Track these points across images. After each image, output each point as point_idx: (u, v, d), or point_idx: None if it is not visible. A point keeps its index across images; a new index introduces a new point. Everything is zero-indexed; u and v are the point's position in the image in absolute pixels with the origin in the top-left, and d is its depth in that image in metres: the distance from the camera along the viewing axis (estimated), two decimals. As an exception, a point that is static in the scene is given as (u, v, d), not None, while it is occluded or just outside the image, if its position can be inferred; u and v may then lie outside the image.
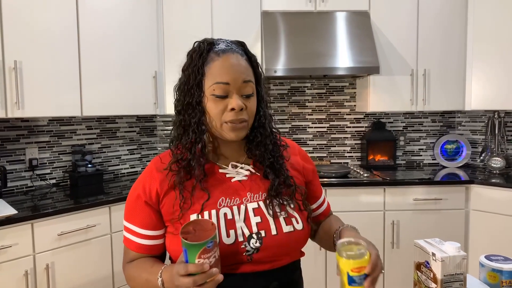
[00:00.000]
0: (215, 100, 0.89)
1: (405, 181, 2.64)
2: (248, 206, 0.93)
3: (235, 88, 0.89)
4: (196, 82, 0.90)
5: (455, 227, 2.62)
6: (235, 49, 0.93)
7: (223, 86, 0.88)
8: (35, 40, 2.15)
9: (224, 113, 0.89)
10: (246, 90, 0.91)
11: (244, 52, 0.95)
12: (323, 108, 3.23)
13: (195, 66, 0.91)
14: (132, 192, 0.97)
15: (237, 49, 0.93)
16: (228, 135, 0.90)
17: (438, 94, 2.88)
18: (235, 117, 0.88)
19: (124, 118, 2.99)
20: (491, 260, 1.00)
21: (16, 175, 2.44)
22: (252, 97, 0.93)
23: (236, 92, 0.89)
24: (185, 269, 0.76)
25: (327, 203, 1.14)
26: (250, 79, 0.92)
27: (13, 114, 2.08)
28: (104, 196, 2.30)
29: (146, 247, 0.96)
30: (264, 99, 0.98)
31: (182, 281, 0.76)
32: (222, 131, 0.91)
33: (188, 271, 0.75)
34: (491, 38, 2.75)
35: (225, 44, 0.93)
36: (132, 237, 0.96)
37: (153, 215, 0.94)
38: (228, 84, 0.88)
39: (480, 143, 3.16)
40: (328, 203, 1.15)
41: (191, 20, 2.75)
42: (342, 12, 2.82)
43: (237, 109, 0.88)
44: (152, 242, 0.96)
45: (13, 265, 1.83)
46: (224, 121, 0.89)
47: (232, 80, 0.88)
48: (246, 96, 0.91)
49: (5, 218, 1.82)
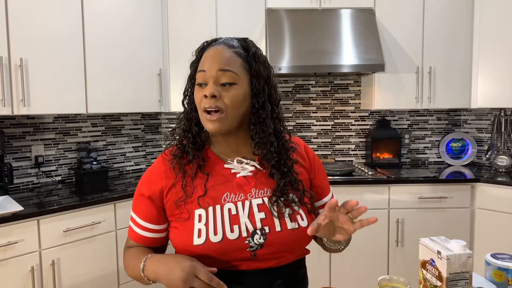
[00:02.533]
0: (197, 88, 0.94)
1: (410, 179, 2.63)
2: (252, 202, 0.93)
3: (211, 77, 0.91)
4: (192, 74, 0.98)
5: (461, 226, 2.60)
6: (227, 42, 0.95)
7: (201, 74, 0.92)
8: (41, 38, 2.16)
9: (202, 101, 0.91)
10: (222, 78, 0.90)
11: (242, 46, 0.95)
12: (328, 106, 3.22)
13: (194, 60, 0.98)
14: (139, 186, 1.00)
15: (229, 43, 0.94)
16: (208, 126, 0.92)
17: (444, 92, 2.86)
18: (208, 104, 0.90)
19: (129, 115, 3.00)
20: (497, 259, 1.00)
21: (22, 172, 2.46)
22: (234, 86, 0.91)
23: (212, 81, 0.91)
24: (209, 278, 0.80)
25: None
26: (229, 68, 0.90)
27: (19, 111, 2.10)
28: (109, 193, 2.31)
29: (145, 238, 0.98)
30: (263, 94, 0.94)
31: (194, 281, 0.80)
32: (203, 122, 0.93)
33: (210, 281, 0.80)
34: (497, 36, 2.73)
35: (223, 39, 0.97)
36: (134, 227, 0.99)
37: (155, 210, 0.96)
38: (204, 71, 0.92)
39: (486, 141, 3.14)
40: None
41: (196, 18, 2.75)
42: (347, 10, 2.80)
43: (208, 96, 0.89)
44: (152, 235, 0.98)
45: (19, 261, 1.85)
46: (202, 109, 0.92)
47: (207, 68, 0.91)
48: (223, 85, 0.91)
49: (11, 214, 1.83)
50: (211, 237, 0.87)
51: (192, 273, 0.80)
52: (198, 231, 0.88)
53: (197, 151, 0.96)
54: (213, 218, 0.89)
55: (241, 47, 0.95)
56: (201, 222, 0.89)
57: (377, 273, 2.57)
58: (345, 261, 2.59)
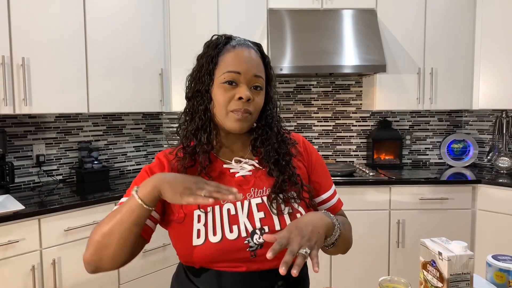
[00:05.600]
0: (224, 88, 0.91)
1: (411, 180, 2.63)
2: (251, 201, 0.93)
3: (246, 79, 0.91)
4: (208, 70, 0.93)
5: (462, 227, 2.60)
6: (251, 45, 0.97)
7: (234, 75, 0.91)
8: (43, 37, 2.16)
9: (231, 102, 0.91)
10: (255, 83, 0.93)
11: (259, 51, 0.98)
12: (329, 107, 3.21)
13: (209, 56, 0.93)
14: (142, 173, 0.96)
15: (252, 46, 0.97)
16: (232, 125, 0.91)
17: (445, 93, 2.86)
18: (241, 107, 0.90)
19: (130, 115, 3.01)
20: (498, 260, 0.99)
21: (24, 171, 2.46)
22: (261, 91, 0.95)
23: (245, 83, 0.91)
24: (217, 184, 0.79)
25: (336, 200, 1.07)
26: (261, 75, 0.95)
27: (21, 110, 2.10)
28: (110, 193, 2.31)
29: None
30: (273, 100, 1.00)
31: (204, 184, 0.78)
32: (227, 121, 0.92)
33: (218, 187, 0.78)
34: (499, 37, 2.72)
35: (242, 40, 0.98)
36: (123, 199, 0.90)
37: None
38: (239, 73, 0.91)
39: (487, 143, 3.14)
40: (339, 199, 1.08)
41: (197, 17, 2.75)
42: (348, 10, 2.80)
43: (244, 99, 0.90)
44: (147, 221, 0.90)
45: (20, 260, 1.85)
46: (229, 110, 0.91)
47: (243, 71, 0.91)
48: (254, 88, 0.93)
49: (12, 213, 1.84)
50: (210, 237, 0.87)
51: (202, 180, 0.80)
52: (197, 232, 0.88)
53: (207, 153, 0.94)
54: (212, 218, 0.89)
55: (260, 53, 0.98)
56: (200, 222, 0.89)
57: (378, 274, 2.57)
58: (345, 262, 2.59)
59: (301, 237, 0.78)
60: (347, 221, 1.05)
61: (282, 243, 0.76)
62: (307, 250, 0.76)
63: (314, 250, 0.77)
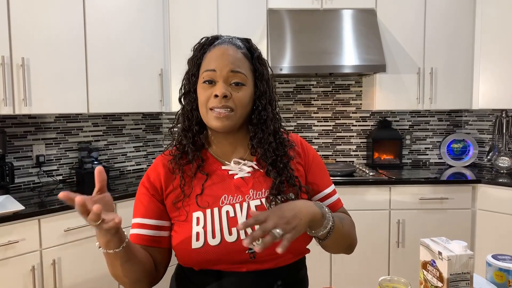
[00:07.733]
0: (203, 87, 0.93)
1: (411, 180, 2.63)
2: (250, 203, 0.92)
3: (222, 76, 0.91)
4: (193, 71, 0.96)
5: (461, 227, 2.60)
6: (233, 42, 0.96)
7: (210, 73, 0.92)
8: (43, 37, 2.16)
9: (210, 100, 0.91)
10: (233, 79, 0.92)
11: (246, 48, 0.97)
12: (329, 107, 3.21)
13: (195, 57, 0.97)
14: (140, 187, 0.98)
15: (235, 42, 0.96)
16: (213, 123, 0.92)
17: (445, 92, 2.86)
18: (218, 104, 0.90)
19: (130, 115, 3.00)
20: (498, 260, 0.99)
21: (24, 172, 2.46)
22: (243, 87, 0.93)
23: (222, 80, 0.91)
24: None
25: (336, 198, 1.06)
26: (240, 70, 0.92)
27: (21, 110, 2.10)
28: (110, 193, 2.30)
29: (146, 237, 0.92)
30: (266, 95, 0.96)
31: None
32: (209, 119, 0.93)
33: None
34: (499, 37, 2.72)
35: (227, 38, 0.97)
36: (133, 230, 0.94)
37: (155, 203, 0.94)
38: (214, 71, 0.92)
39: (487, 143, 3.14)
40: (338, 199, 1.07)
41: (197, 18, 2.75)
42: (348, 10, 2.80)
43: (220, 96, 0.90)
44: (154, 232, 0.93)
45: (20, 260, 1.85)
46: (209, 107, 0.92)
47: (218, 68, 0.91)
48: (235, 85, 0.92)
49: (12, 213, 1.83)
50: (209, 240, 0.87)
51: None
52: (196, 235, 0.88)
53: (197, 151, 0.96)
54: (211, 221, 0.89)
55: (246, 48, 0.97)
56: (199, 225, 0.89)
57: (377, 273, 2.56)
58: (345, 262, 2.59)
59: (280, 218, 0.76)
60: (349, 218, 1.03)
61: (259, 219, 0.75)
62: (280, 231, 0.74)
63: (289, 234, 0.75)
